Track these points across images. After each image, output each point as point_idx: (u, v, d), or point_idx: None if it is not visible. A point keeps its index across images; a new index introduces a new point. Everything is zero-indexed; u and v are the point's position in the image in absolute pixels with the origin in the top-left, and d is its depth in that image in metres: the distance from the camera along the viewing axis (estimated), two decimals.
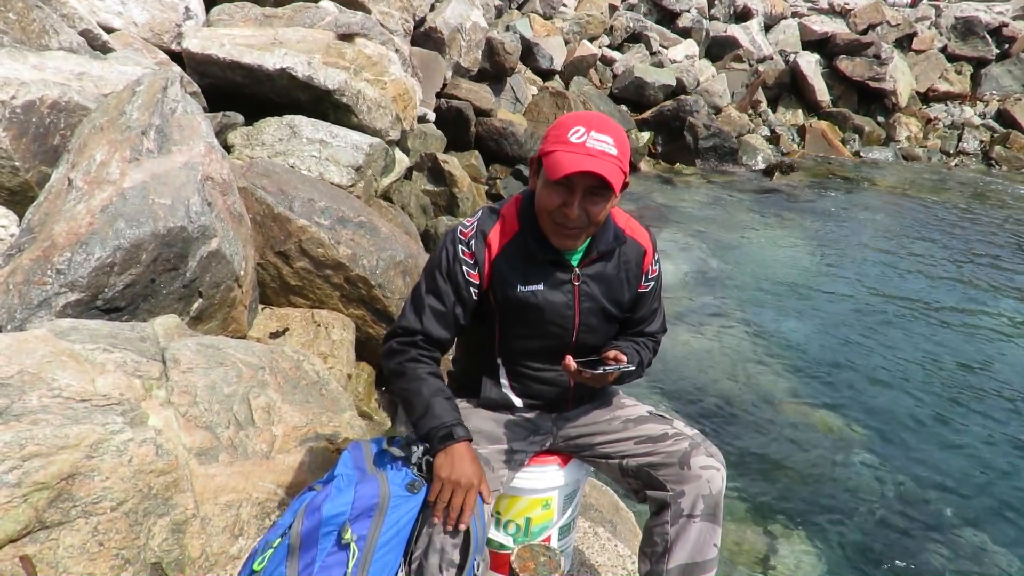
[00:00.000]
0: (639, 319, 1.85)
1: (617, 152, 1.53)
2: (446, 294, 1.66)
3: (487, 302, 1.70)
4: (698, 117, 10.97)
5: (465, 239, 1.66)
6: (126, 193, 2.49)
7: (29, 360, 1.76)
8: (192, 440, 1.94)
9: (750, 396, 4.59)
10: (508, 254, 1.66)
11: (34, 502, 1.58)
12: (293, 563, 1.47)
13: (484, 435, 1.72)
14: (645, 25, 13.27)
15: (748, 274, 6.73)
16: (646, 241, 1.79)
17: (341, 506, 1.49)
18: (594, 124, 1.54)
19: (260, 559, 1.51)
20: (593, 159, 1.50)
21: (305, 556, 1.47)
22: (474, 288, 1.66)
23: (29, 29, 3.56)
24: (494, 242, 1.66)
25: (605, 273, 1.72)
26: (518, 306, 1.67)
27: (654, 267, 1.81)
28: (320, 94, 4.83)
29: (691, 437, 1.73)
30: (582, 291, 1.70)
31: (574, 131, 1.53)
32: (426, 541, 1.49)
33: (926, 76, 14.77)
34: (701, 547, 1.65)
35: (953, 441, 4.25)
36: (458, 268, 1.65)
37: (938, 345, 5.50)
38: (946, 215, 9.35)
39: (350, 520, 1.48)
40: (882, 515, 3.57)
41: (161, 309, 2.58)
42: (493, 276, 1.66)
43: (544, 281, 1.67)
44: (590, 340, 1.76)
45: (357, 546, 1.45)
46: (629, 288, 1.77)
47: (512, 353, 1.76)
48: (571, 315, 1.70)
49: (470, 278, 1.65)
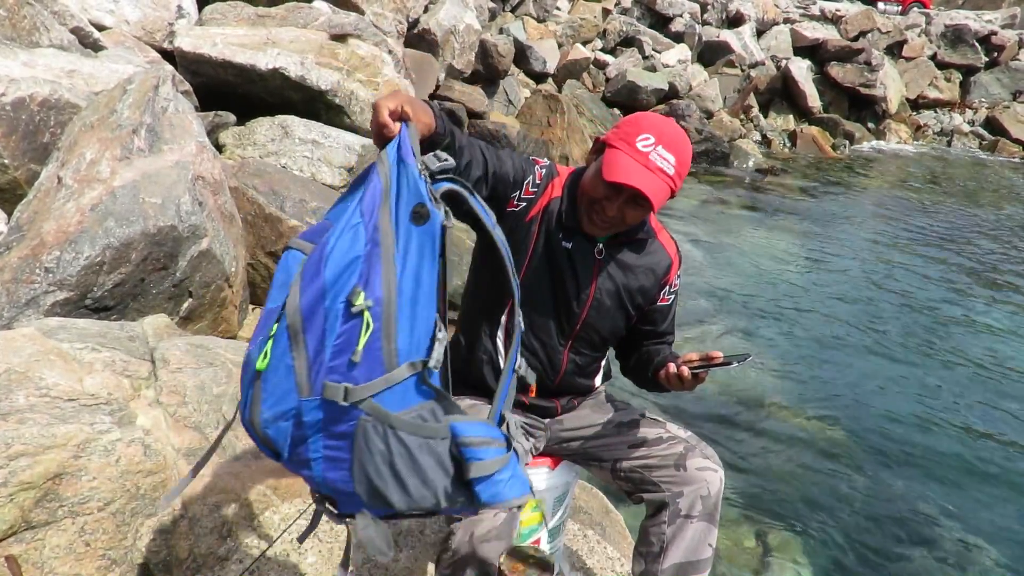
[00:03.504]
0: (664, 332, 1.84)
1: (675, 172, 1.54)
2: (497, 154, 1.60)
3: (529, 236, 1.67)
4: (690, 121, 11.02)
5: (540, 167, 1.67)
6: (116, 192, 2.48)
7: (16, 359, 1.75)
8: (181, 440, 1.93)
9: (742, 398, 4.60)
10: (553, 207, 1.67)
11: (20, 502, 1.57)
12: (299, 350, 1.11)
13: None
14: (638, 29, 13.33)
15: (739, 275, 6.76)
16: (673, 251, 1.80)
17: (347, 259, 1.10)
18: (666, 138, 1.53)
19: (262, 357, 1.12)
20: (649, 175, 1.51)
21: (312, 338, 1.10)
22: (523, 199, 1.64)
23: (20, 26, 3.54)
24: (552, 189, 1.67)
25: (627, 260, 1.72)
26: (547, 255, 1.66)
27: (676, 281, 1.81)
28: (313, 94, 4.82)
29: (686, 440, 1.74)
30: (603, 267, 1.70)
31: (644, 138, 1.52)
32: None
33: (916, 83, 14.92)
34: (696, 547, 1.65)
35: (949, 441, 4.27)
36: (527, 173, 1.64)
37: (931, 344, 5.54)
38: (937, 211, 9.45)
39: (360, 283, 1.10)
40: (876, 516, 3.59)
41: (151, 309, 2.57)
42: (545, 216, 1.66)
43: (572, 242, 1.67)
44: (596, 323, 1.74)
45: (372, 315, 1.09)
46: (647, 286, 1.76)
47: None
48: (587, 286, 1.69)
49: (525, 193, 1.64)
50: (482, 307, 1.76)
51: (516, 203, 1.65)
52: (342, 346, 1.10)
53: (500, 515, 1.50)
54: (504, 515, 1.51)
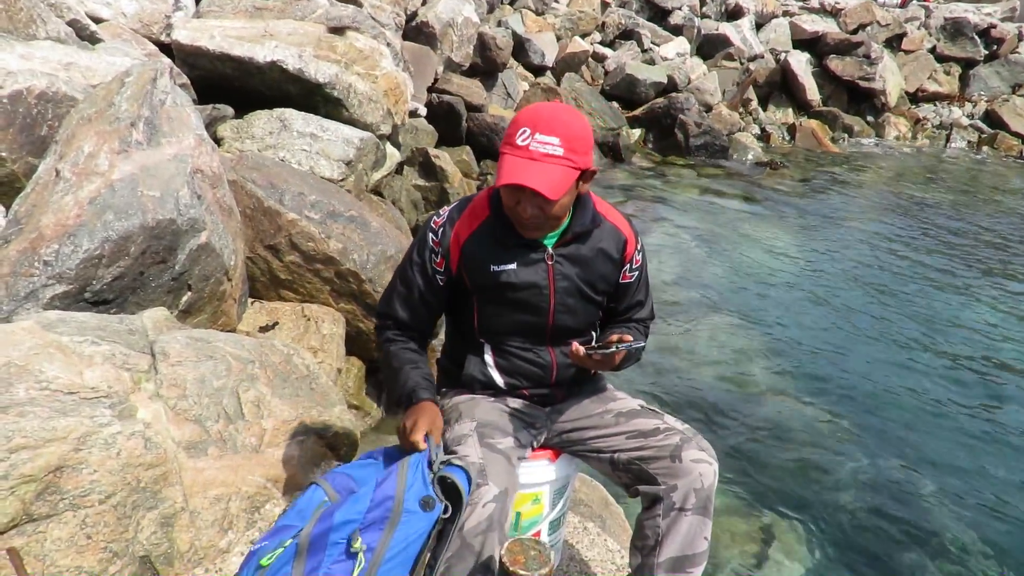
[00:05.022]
0: (627, 308, 1.88)
1: (564, 150, 1.54)
2: (412, 280, 1.76)
3: (462, 284, 1.76)
4: (689, 115, 11.00)
5: (435, 228, 1.74)
6: (115, 185, 2.47)
7: (16, 352, 1.75)
8: (181, 433, 1.93)
9: (740, 390, 4.61)
10: (479, 238, 1.71)
11: (21, 495, 1.57)
12: (300, 564, 1.48)
13: (496, 428, 1.72)
14: (637, 22, 13.29)
15: (737, 266, 6.76)
16: (627, 229, 1.81)
17: (354, 514, 1.50)
18: (541, 123, 1.54)
19: (269, 556, 1.51)
20: (533, 165, 1.52)
21: (312, 560, 1.48)
22: (440, 275, 1.75)
23: (16, 18, 3.52)
24: (463, 228, 1.72)
25: (580, 254, 1.75)
26: (492, 285, 1.72)
27: (637, 256, 1.83)
28: (311, 87, 4.80)
29: (682, 431, 1.74)
30: (556, 271, 1.73)
31: (521, 132, 1.54)
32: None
33: (915, 76, 14.88)
34: (692, 540, 1.66)
35: (947, 435, 4.28)
36: (426, 255, 1.75)
37: (931, 337, 5.55)
38: (934, 205, 9.45)
39: (361, 529, 1.49)
40: (873, 508, 3.60)
41: (150, 302, 2.57)
42: (463, 260, 1.72)
43: (517, 260, 1.71)
44: (568, 321, 1.78)
45: (365, 556, 1.46)
46: (606, 271, 1.79)
47: (493, 332, 1.80)
48: (546, 294, 1.73)
49: (436, 265, 1.74)
50: (461, 331, 1.89)
51: (442, 279, 1.76)
52: (335, 572, 1.46)
53: (488, 505, 1.52)
54: (493, 505, 1.52)
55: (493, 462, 1.61)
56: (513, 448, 1.71)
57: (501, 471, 1.60)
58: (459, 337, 1.89)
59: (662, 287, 6.03)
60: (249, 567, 1.53)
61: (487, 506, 1.52)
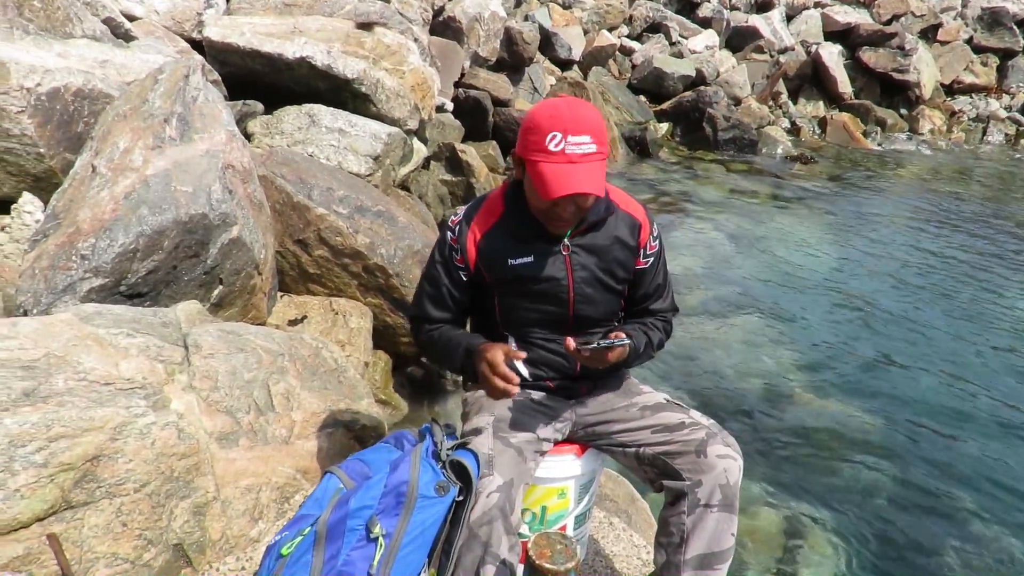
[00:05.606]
0: (643, 296, 1.87)
1: (596, 146, 1.55)
2: (438, 278, 1.79)
3: (482, 280, 1.78)
4: (718, 108, 10.88)
5: (453, 226, 1.77)
6: (149, 180, 2.52)
7: (55, 343, 1.79)
8: (213, 424, 1.97)
9: (766, 386, 4.56)
10: (494, 234, 1.73)
11: (60, 482, 1.61)
12: (319, 552, 1.50)
13: (511, 423, 1.73)
14: (665, 15, 13.16)
15: (767, 263, 6.68)
16: (641, 215, 1.81)
17: (368, 499, 1.53)
18: (569, 124, 1.53)
19: (288, 545, 1.54)
20: (577, 169, 1.53)
21: (331, 547, 1.50)
22: (461, 271, 1.77)
23: (54, 17, 3.60)
24: (479, 225, 1.74)
25: (596, 243, 1.75)
26: (511, 279, 1.74)
27: (653, 242, 1.82)
28: (339, 83, 4.84)
29: (707, 427, 1.73)
30: (573, 261, 1.74)
31: (551, 138, 1.52)
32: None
33: (951, 68, 14.53)
34: (718, 537, 1.64)
35: (977, 433, 4.19)
36: (447, 254, 1.77)
37: (965, 337, 5.43)
38: (969, 206, 9.23)
39: (377, 514, 1.51)
40: (903, 509, 3.54)
41: (183, 295, 2.61)
42: (480, 256, 1.74)
43: (534, 253, 1.73)
44: (588, 311, 1.78)
45: (384, 541, 1.48)
46: (623, 258, 1.79)
47: (516, 324, 1.81)
48: (565, 285, 1.74)
49: (456, 262, 1.76)
50: (485, 326, 1.91)
51: (464, 275, 1.77)
52: (355, 559, 1.48)
53: (493, 495, 1.53)
54: (498, 495, 1.53)
55: (502, 454, 1.62)
56: (529, 443, 1.71)
57: (509, 462, 1.61)
58: (483, 333, 1.89)
59: (689, 282, 5.98)
60: (271, 557, 1.57)
61: (491, 496, 1.53)
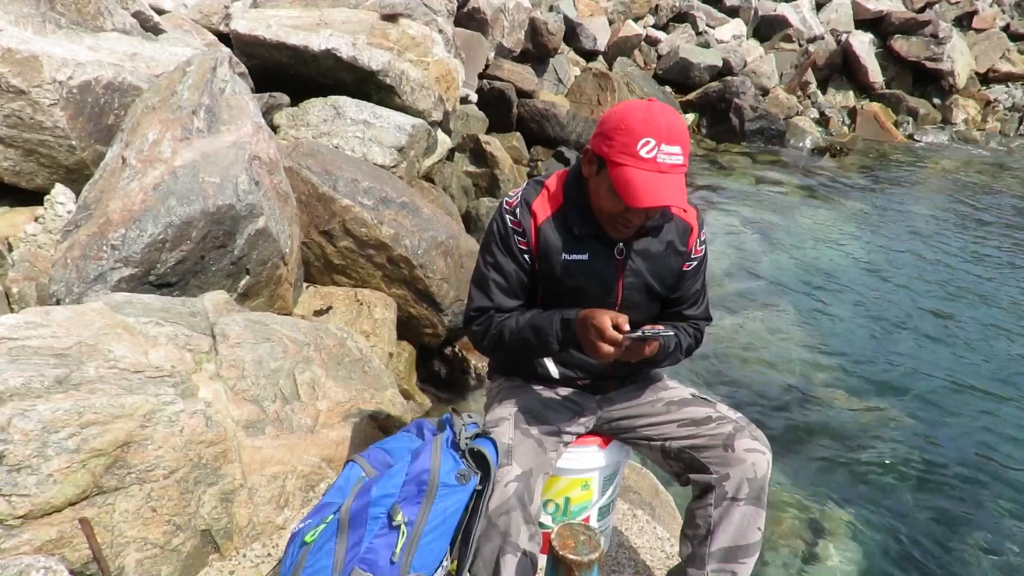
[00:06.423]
0: (679, 299, 1.82)
1: (683, 158, 1.50)
2: (505, 264, 1.68)
3: (533, 267, 1.71)
4: (745, 99, 10.73)
5: (511, 208, 1.68)
6: (177, 171, 2.55)
7: (87, 332, 1.82)
8: (240, 413, 1.99)
9: (794, 381, 4.51)
10: (554, 225, 1.67)
11: (92, 468, 1.64)
12: (343, 539, 1.52)
13: (533, 415, 1.72)
14: (691, 4, 13.00)
15: (795, 257, 6.59)
16: (692, 219, 1.76)
17: (391, 488, 1.54)
18: (663, 133, 1.46)
19: (312, 532, 1.56)
20: (666, 180, 1.47)
21: (354, 534, 1.52)
22: (526, 254, 1.68)
23: (85, 11, 3.65)
24: (539, 211, 1.67)
25: (651, 249, 1.71)
26: (561, 274, 1.68)
27: (699, 247, 1.78)
28: (364, 75, 4.85)
29: (735, 421, 1.71)
30: (626, 265, 1.69)
31: (644, 143, 1.46)
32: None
33: (986, 56, 14.16)
34: (744, 530, 1.63)
35: (1012, 438, 4.11)
36: (510, 236, 1.67)
37: (996, 337, 5.32)
38: (1006, 200, 9.01)
39: (399, 502, 1.52)
40: (930, 508, 3.49)
41: (210, 285, 2.65)
42: (539, 243, 1.67)
43: (589, 252, 1.67)
44: (632, 316, 1.71)
45: (406, 528, 1.50)
46: (673, 265, 1.75)
47: None
48: (614, 288, 1.70)
49: (521, 245, 1.67)
50: None
51: (528, 259, 1.68)
52: (377, 546, 1.51)
53: (511, 485, 1.53)
54: (515, 484, 1.53)
55: (522, 444, 1.62)
56: (550, 435, 1.70)
57: (528, 452, 1.61)
58: None
59: (717, 277, 5.92)
60: (295, 544, 1.59)
61: (509, 486, 1.53)
